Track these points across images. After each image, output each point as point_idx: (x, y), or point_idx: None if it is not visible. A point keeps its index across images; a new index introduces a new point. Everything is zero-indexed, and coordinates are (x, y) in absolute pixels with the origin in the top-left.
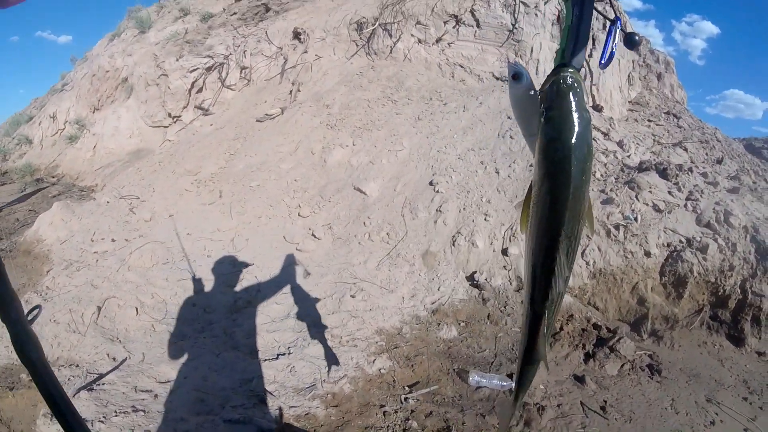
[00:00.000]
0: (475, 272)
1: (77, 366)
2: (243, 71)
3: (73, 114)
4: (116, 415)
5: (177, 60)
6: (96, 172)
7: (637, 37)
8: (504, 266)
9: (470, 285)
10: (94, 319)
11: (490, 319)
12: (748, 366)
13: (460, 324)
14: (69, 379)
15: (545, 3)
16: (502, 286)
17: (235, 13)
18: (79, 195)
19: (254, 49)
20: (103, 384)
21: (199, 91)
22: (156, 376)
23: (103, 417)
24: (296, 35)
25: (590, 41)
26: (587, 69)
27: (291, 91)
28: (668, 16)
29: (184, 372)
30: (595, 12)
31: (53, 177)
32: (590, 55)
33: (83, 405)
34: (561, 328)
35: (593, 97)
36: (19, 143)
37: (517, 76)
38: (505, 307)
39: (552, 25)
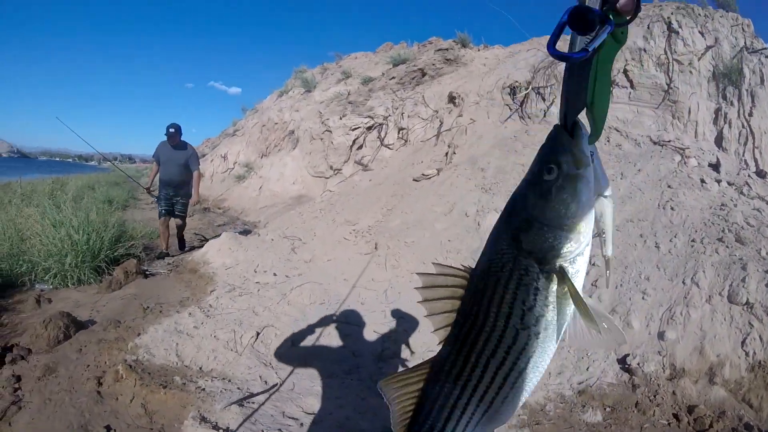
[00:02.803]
0: (627, 355)
1: (230, 381)
2: (400, 132)
3: (243, 157)
4: None
5: (340, 119)
6: (260, 210)
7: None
8: (659, 351)
9: (621, 368)
10: (252, 343)
11: (638, 408)
12: None
13: (605, 409)
14: (221, 392)
15: (699, 59)
16: (655, 373)
17: (393, 78)
18: (243, 228)
19: (411, 111)
20: (253, 403)
21: (360, 147)
22: (303, 406)
23: None
24: (451, 99)
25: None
26: (748, 130)
27: (446, 153)
28: None
29: (329, 408)
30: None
31: (219, 209)
32: (750, 113)
33: (233, 418)
34: (711, 425)
35: (755, 161)
36: None
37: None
38: (655, 396)
39: (708, 82)
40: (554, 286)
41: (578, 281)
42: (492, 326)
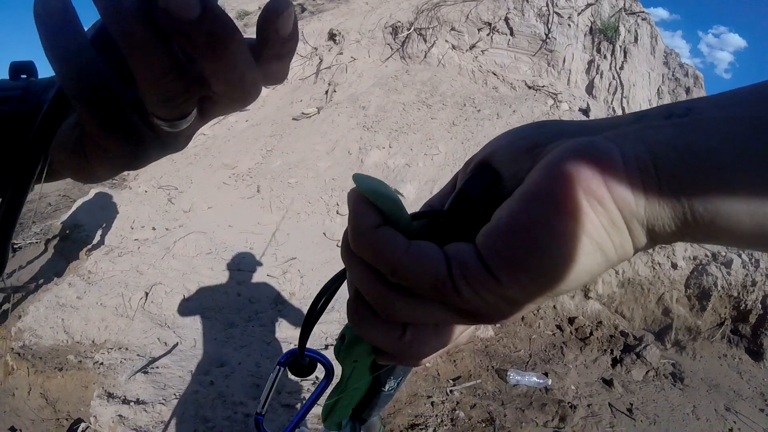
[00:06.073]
0: None
1: (127, 349)
2: None
3: None
4: (176, 398)
5: None
6: None
7: None
8: None
9: None
10: (142, 304)
11: (524, 322)
12: (766, 380)
13: (495, 325)
14: (121, 362)
15: (578, 14)
16: None
17: None
18: (111, 183)
19: None
20: (157, 367)
21: None
22: (210, 361)
23: (164, 399)
24: (331, 36)
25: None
26: (618, 81)
27: (327, 92)
28: (695, 27)
29: (238, 358)
30: None
31: None
32: (621, 67)
33: (141, 387)
34: (591, 333)
35: (623, 109)
36: None
37: None
38: (537, 311)
39: (584, 36)
40: None
41: None
42: None
